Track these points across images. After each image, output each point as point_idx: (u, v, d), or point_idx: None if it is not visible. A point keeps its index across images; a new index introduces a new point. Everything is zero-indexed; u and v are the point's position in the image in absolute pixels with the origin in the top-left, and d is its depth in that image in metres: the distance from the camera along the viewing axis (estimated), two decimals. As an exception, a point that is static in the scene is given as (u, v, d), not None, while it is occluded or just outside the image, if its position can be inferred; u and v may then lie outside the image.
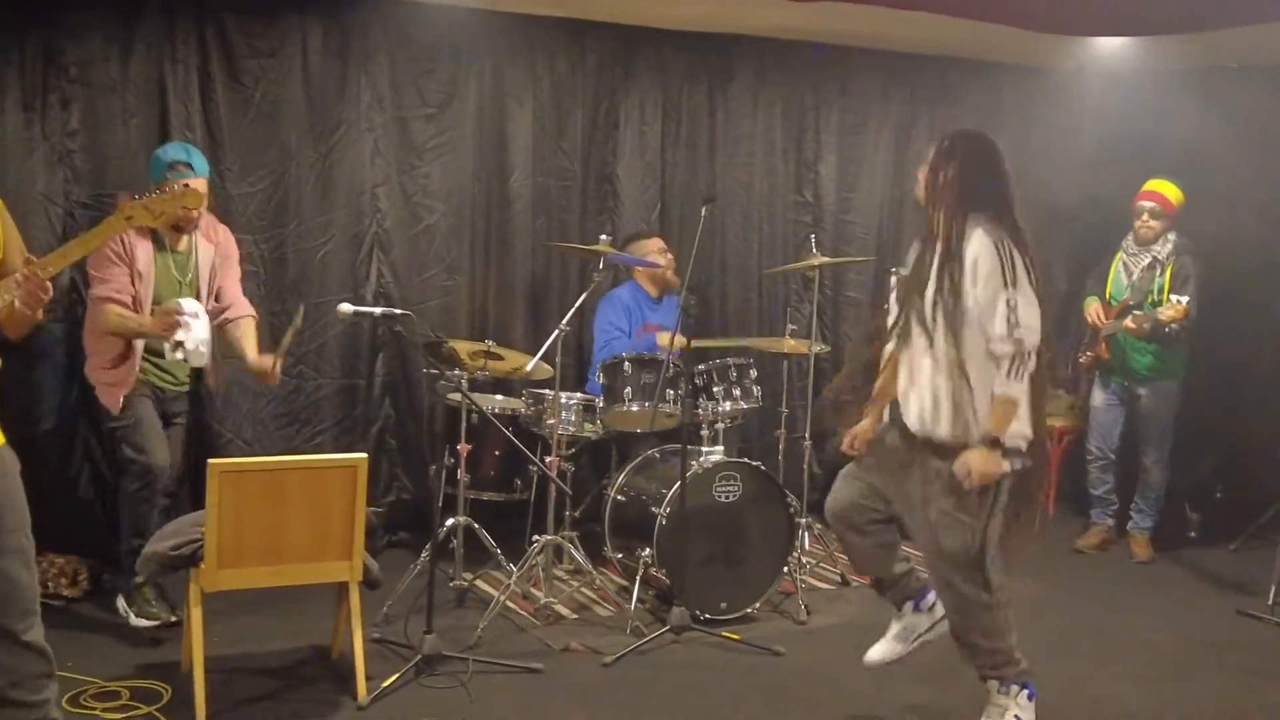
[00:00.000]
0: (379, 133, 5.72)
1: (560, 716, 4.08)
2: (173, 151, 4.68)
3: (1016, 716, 3.78)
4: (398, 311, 4.34)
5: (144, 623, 4.69)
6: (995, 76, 7.05)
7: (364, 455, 4.02)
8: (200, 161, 4.68)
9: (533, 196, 6.08)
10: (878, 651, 4.06)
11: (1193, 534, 6.67)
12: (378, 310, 4.32)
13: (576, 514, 5.42)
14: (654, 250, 5.88)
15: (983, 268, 3.51)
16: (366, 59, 5.66)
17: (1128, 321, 5.94)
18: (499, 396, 5.62)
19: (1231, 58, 6.62)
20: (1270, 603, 5.36)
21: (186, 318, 4.43)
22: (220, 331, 4.79)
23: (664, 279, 5.83)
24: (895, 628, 4.08)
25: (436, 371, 4.72)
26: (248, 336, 4.81)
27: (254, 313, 4.95)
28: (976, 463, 3.54)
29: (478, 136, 5.94)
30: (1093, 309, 6.17)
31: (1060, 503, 6.94)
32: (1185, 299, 5.67)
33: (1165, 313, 5.70)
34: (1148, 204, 6.00)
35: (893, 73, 6.84)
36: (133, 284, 4.53)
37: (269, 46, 5.47)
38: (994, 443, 3.54)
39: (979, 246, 3.52)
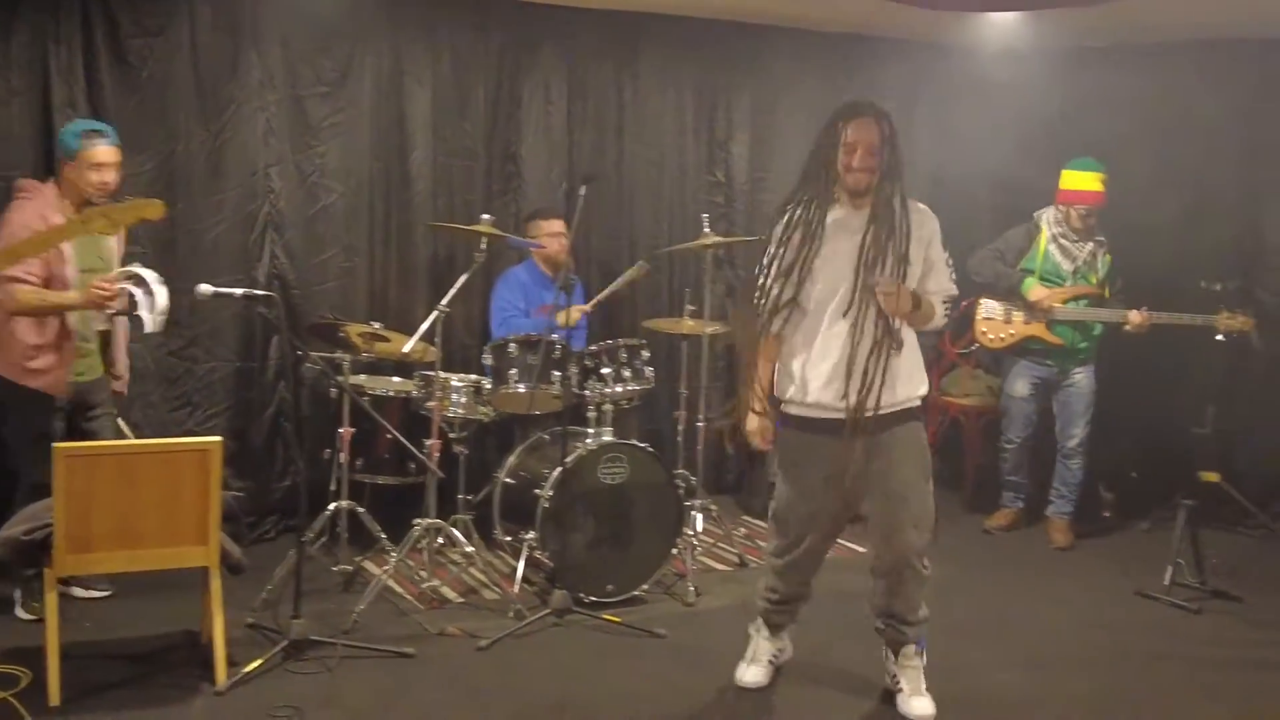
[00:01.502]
0: (272, 112, 5.63)
1: (425, 700, 4.03)
2: (83, 122, 4.62)
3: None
4: (259, 293, 4.28)
5: (26, 615, 4.62)
6: (909, 54, 6.98)
7: (218, 439, 3.96)
8: (112, 132, 4.58)
9: (433, 176, 6.01)
10: (754, 675, 4.15)
11: (1107, 514, 6.67)
12: (238, 291, 4.23)
13: (471, 496, 5.36)
14: (552, 231, 5.81)
15: (937, 235, 3.85)
16: (258, 37, 5.57)
17: (1136, 316, 5.90)
18: (394, 379, 5.56)
19: (1139, 34, 6.58)
20: (1166, 583, 5.34)
21: (151, 285, 4.31)
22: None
23: (556, 260, 5.75)
24: (770, 649, 4.20)
25: (302, 354, 4.64)
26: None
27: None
28: (901, 291, 3.69)
29: (375, 115, 5.87)
30: (1041, 292, 6.06)
31: (977, 484, 6.90)
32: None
33: (1135, 318, 5.87)
34: (1081, 206, 5.96)
35: (804, 51, 6.79)
36: (50, 265, 4.40)
37: (156, 24, 5.38)
38: (916, 299, 3.76)
39: (928, 217, 3.85)
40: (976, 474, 6.91)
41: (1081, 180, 5.97)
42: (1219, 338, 5.79)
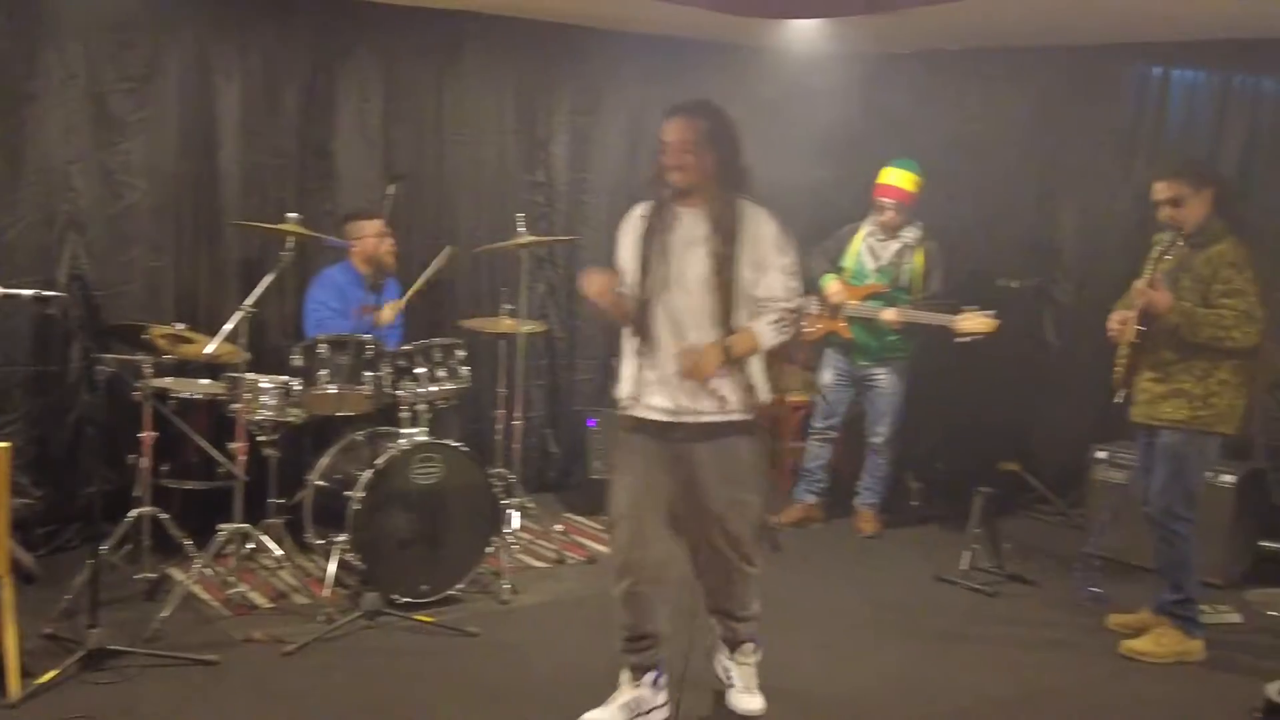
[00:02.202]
0: (72, 108, 5.44)
1: (226, 708, 3.98)
2: None
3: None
4: (48, 294, 4.15)
5: None
6: (729, 56, 7.12)
7: (6, 445, 3.84)
8: None
9: (243, 174, 5.88)
10: (595, 715, 3.88)
11: (914, 503, 6.91)
12: (26, 292, 4.10)
13: (283, 500, 5.29)
14: (371, 231, 5.76)
15: (770, 239, 3.70)
16: (57, 31, 5.38)
17: (888, 313, 6.06)
18: (204, 381, 5.44)
19: (942, 41, 6.84)
20: (964, 568, 5.58)
21: None
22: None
23: (378, 260, 5.71)
24: (626, 696, 3.90)
25: (97, 357, 4.52)
26: None
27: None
28: (698, 360, 3.60)
29: (182, 112, 5.71)
30: (834, 287, 6.26)
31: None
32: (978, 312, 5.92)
33: (963, 324, 5.92)
34: (889, 200, 6.15)
35: (625, 53, 6.86)
36: None
37: (-55, 19, 5.17)
38: (723, 352, 3.64)
39: (761, 219, 3.72)
40: (796, 466, 7.09)
41: (891, 176, 6.17)
42: (957, 340, 5.94)
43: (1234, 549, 5.61)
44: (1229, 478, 5.56)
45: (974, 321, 5.85)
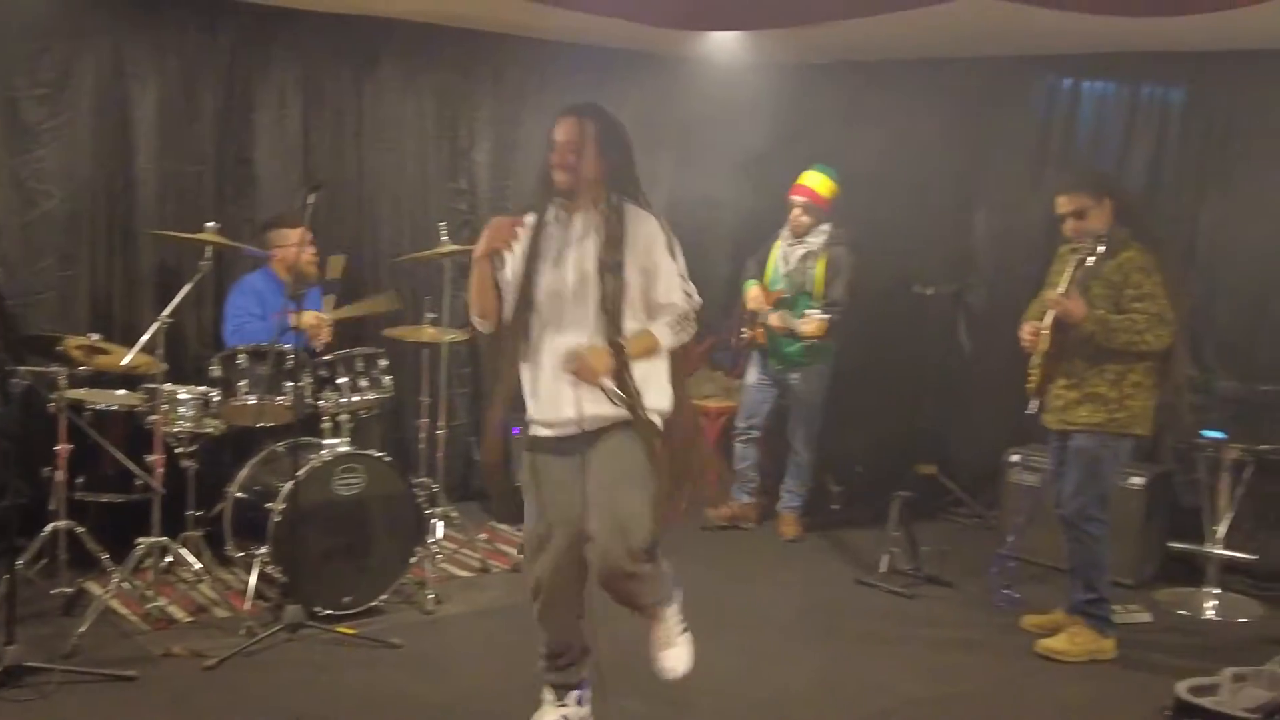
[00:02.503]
0: (-19, 114, 5.36)
1: (145, 725, 3.94)
2: None
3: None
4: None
5: None
6: (650, 65, 7.18)
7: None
8: None
9: (160, 181, 5.81)
10: None
11: (835, 506, 7.01)
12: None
13: (204, 512, 5.22)
14: (293, 240, 5.71)
15: (658, 243, 3.60)
16: (-35, 36, 5.29)
17: (773, 318, 6.16)
18: (120, 392, 5.35)
19: (859, 54, 6.95)
20: (883, 570, 5.67)
21: None
22: None
23: (299, 269, 5.65)
24: (550, 716, 3.83)
25: (11, 369, 4.44)
26: None
27: None
28: (588, 358, 3.46)
29: (97, 119, 5.63)
30: (753, 294, 6.34)
31: (718, 481, 7.13)
32: (820, 314, 5.94)
33: (804, 328, 5.96)
34: (798, 199, 6.24)
35: (547, 61, 6.88)
36: None
37: None
38: (618, 350, 3.51)
39: (648, 224, 3.60)
40: (722, 472, 7.14)
41: (805, 178, 6.27)
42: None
43: (1144, 549, 5.77)
44: (1139, 480, 5.72)
45: (810, 325, 5.95)
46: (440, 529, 5.73)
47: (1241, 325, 5.94)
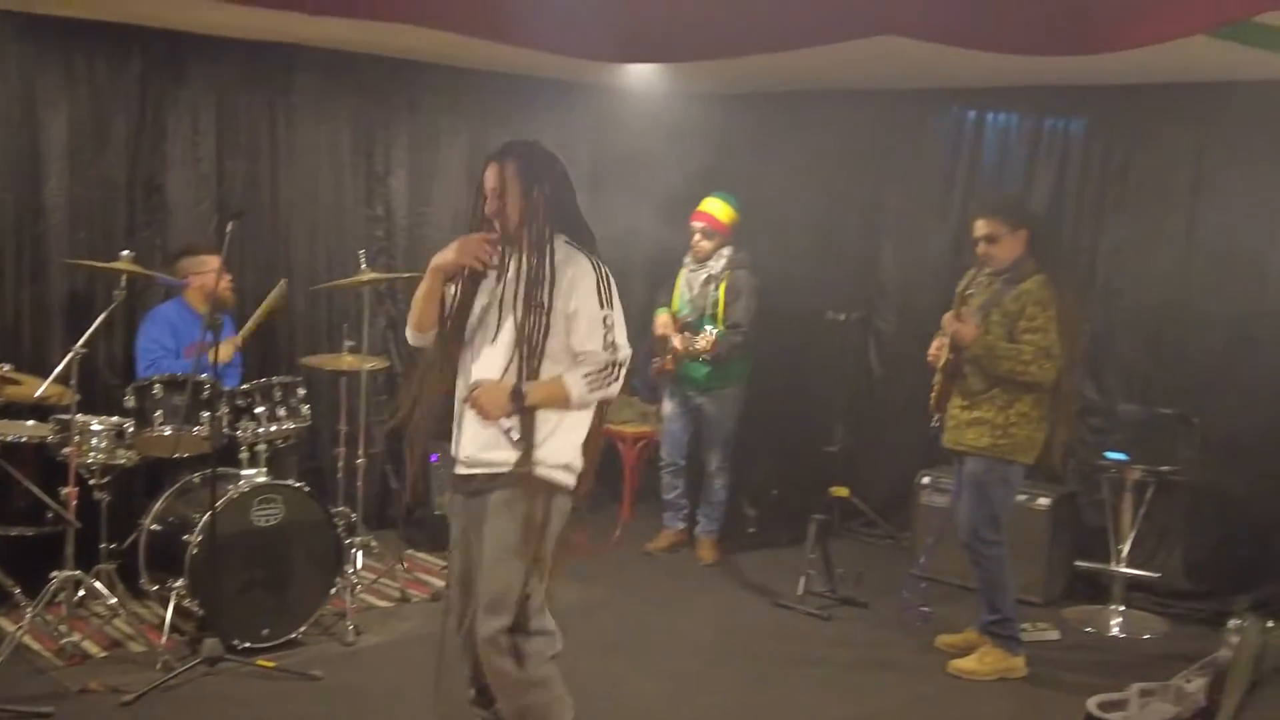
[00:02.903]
0: (-117, 140, 5.23)
1: (61, 765, 3.87)
2: None
3: None
4: None
5: None
6: (566, 94, 7.25)
7: None
8: None
9: (71, 208, 5.71)
10: None
11: (751, 530, 7.09)
12: None
13: (116, 545, 5.13)
14: (206, 268, 5.65)
15: (582, 285, 3.50)
16: None
17: (676, 342, 6.23)
18: (29, 423, 5.24)
19: (772, 84, 7.09)
20: (800, 593, 5.76)
21: None
22: None
23: (216, 298, 5.59)
24: None
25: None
26: None
27: None
28: (484, 395, 3.44)
29: (5, 144, 5.52)
30: (661, 320, 6.43)
31: (638, 506, 7.18)
32: (715, 330, 6.01)
33: (697, 344, 6.02)
34: (698, 224, 6.34)
35: (462, 88, 6.90)
36: None
37: None
38: (517, 394, 3.44)
39: (576, 265, 3.51)
40: (634, 497, 7.20)
41: (706, 204, 6.37)
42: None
43: (1050, 568, 5.93)
44: (1044, 500, 5.89)
45: (702, 340, 6.01)
46: (359, 559, 5.70)
47: (1140, 350, 6.14)
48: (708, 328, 6.06)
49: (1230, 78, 5.61)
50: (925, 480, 6.35)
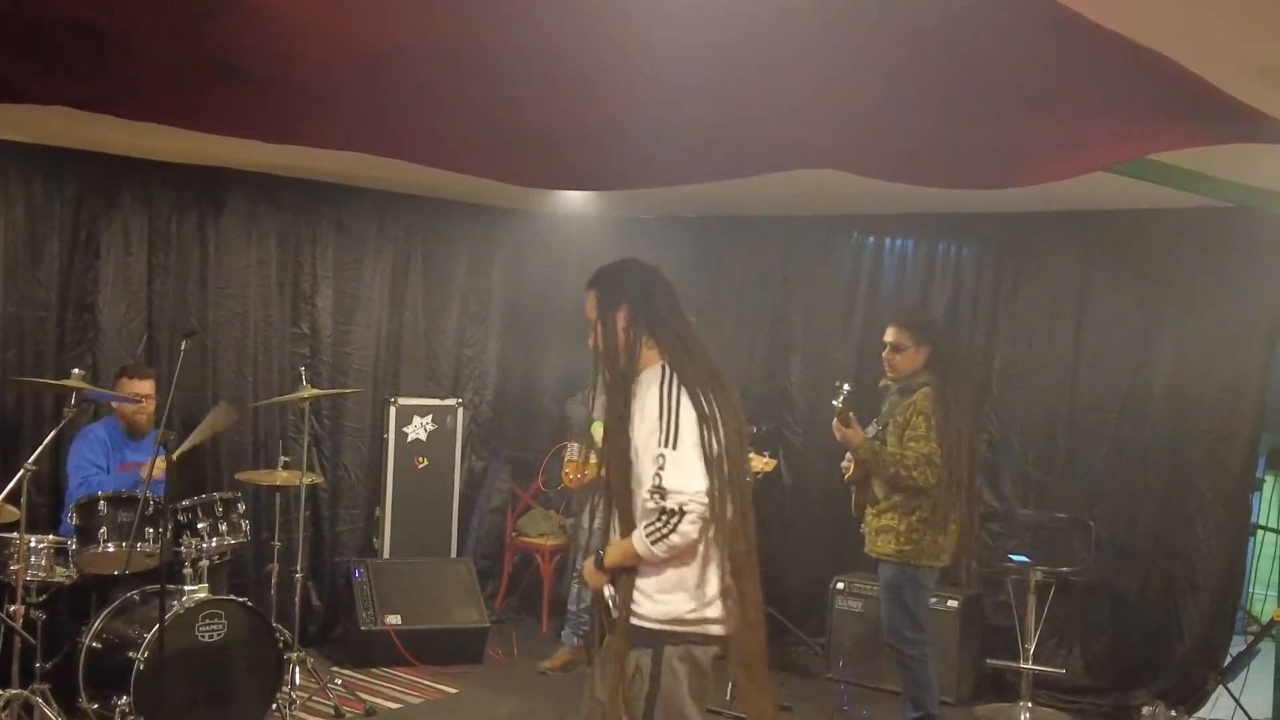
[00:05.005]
0: None
1: None
2: None
3: None
4: None
5: None
6: (486, 217, 7.52)
7: None
8: None
9: (3, 327, 5.73)
10: None
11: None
12: None
13: (48, 665, 5.07)
14: (142, 390, 5.68)
15: (645, 416, 3.34)
16: None
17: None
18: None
19: (682, 209, 7.46)
20: (727, 698, 5.91)
21: None
22: None
23: (132, 420, 5.62)
24: None
25: None
26: None
27: None
28: (587, 570, 3.47)
29: (-60, 264, 5.57)
30: (598, 430, 6.57)
31: (553, 620, 7.27)
32: None
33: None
34: None
35: (386, 210, 7.12)
36: None
37: None
38: (599, 559, 3.42)
39: (647, 393, 3.37)
40: (552, 608, 7.30)
41: None
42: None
43: (961, 667, 6.21)
44: (953, 602, 6.19)
45: (757, 462, 6.23)
46: (296, 674, 5.70)
47: (1034, 458, 6.54)
48: None
49: (1109, 206, 6.14)
50: (840, 585, 6.59)
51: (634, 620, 3.36)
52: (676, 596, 3.35)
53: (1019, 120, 3.09)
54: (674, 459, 3.26)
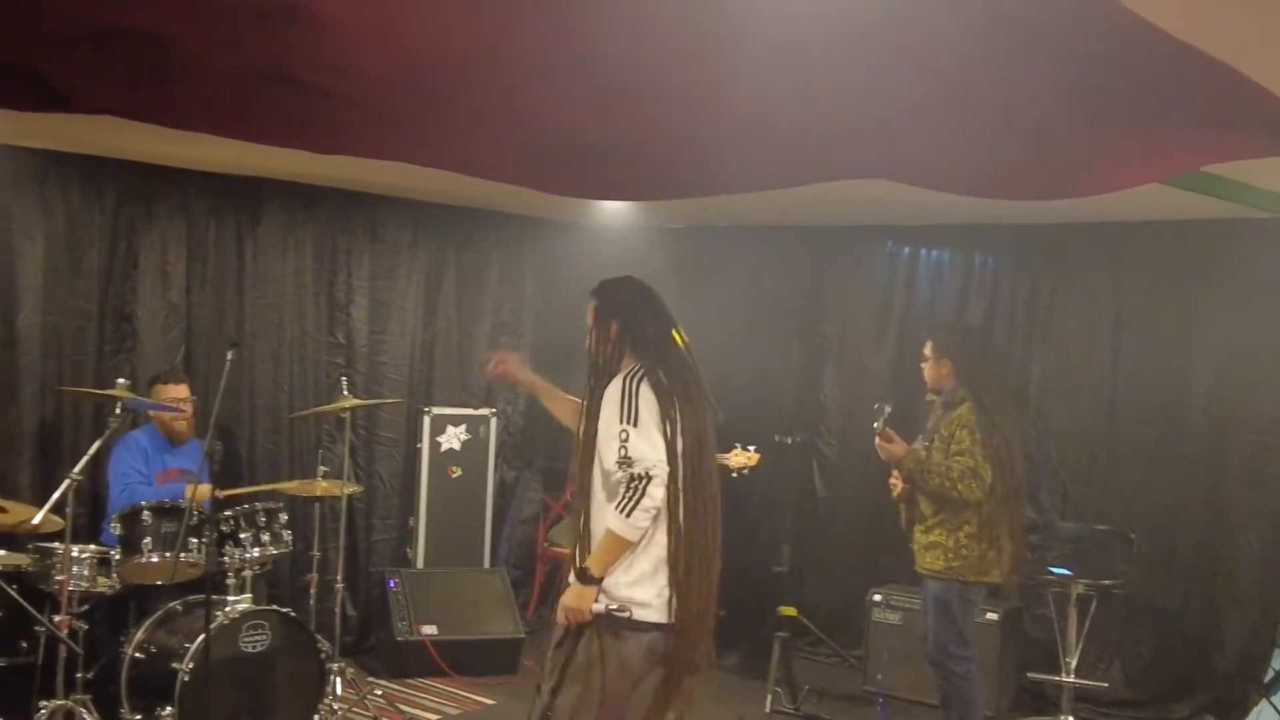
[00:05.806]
0: None
1: None
2: None
3: None
4: None
5: None
6: (517, 226, 7.52)
7: None
8: None
9: (43, 337, 5.74)
10: None
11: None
12: None
13: (89, 675, 5.06)
14: (175, 396, 5.68)
15: (607, 408, 3.57)
16: None
17: None
18: (1, 551, 5.19)
19: (715, 219, 7.45)
20: (767, 711, 5.90)
21: None
22: None
23: (171, 426, 5.62)
24: None
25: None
26: None
27: None
28: (567, 599, 3.54)
29: (-18, 273, 5.58)
30: None
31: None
32: None
33: None
34: None
35: (420, 220, 7.12)
36: None
37: None
38: (584, 575, 3.52)
39: (611, 387, 3.60)
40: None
41: None
42: (733, 475, 6.28)
43: (1001, 681, 6.17)
44: (993, 615, 6.15)
45: (739, 457, 6.22)
46: (338, 685, 5.69)
47: (1073, 469, 6.51)
48: None
49: (1145, 217, 6.11)
50: (877, 598, 6.56)
51: (600, 602, 3.55)
52: (630, 581, 3.56)
53: (1088, 129, 3.08)
54: (635, 433, 3.51)
